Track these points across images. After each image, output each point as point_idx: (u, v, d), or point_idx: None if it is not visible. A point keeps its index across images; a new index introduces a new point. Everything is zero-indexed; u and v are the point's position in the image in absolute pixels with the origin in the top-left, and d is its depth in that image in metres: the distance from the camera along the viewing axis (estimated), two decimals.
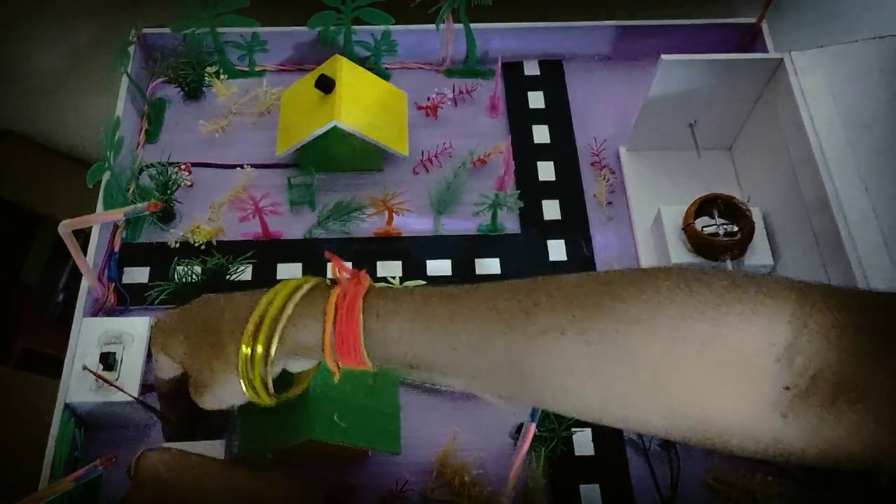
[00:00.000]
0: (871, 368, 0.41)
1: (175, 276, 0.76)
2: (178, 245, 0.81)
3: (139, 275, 0.79)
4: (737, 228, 0.78)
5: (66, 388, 0.67)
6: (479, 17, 0.89)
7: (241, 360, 0.49)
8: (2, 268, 1.31)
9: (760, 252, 0.78)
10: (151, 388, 0.65)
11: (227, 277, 0.78)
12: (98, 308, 0.76)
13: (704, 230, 0.77)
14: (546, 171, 0.88)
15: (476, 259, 0.82)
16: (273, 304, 0.49)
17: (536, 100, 0.93)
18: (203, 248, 0.80)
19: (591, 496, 0.70)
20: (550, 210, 0.85)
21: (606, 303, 0.44)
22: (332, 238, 0.83)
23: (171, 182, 0.82)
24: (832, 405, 0.41)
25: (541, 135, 0.91)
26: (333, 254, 0.53)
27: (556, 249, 0.83)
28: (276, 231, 0.83)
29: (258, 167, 0.87)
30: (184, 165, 0.85)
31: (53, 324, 1.30)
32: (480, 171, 0.87)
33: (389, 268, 0.81)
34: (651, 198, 0.85)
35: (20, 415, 1.10)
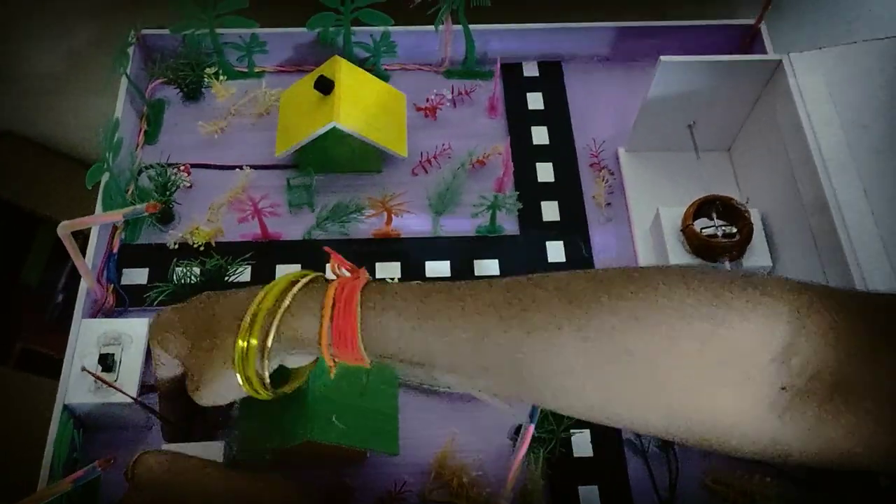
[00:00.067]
0: (869, 369, 0.41)
1: (174, 278, 0.77)
2: (177, 246, 0.81)
3: (138, 276, 0.79)
4: (735, 230, 0.78)
5: (65, 390, 0.67)
6: (478, 19, 0.89)
7: (238, 354, 0.49)
8: (1, 268, 1.31)
9: (759, 253, 0.78)
10: (150, 389, 0.65)
11: (226, 279, 0.78)
12: (97, 309, 0.76)
13: (703, 231, 0.77)
14: (545, 173, 0.88)
15: (475, 260, 0.82)
16: (270, 297, 0.49)
17: (535, 101, 0.93)
18: (202, 250, 0.80)
19: (590, 497, 0.70)
20: (549, 211, 0.85)
21: (604, 300, 0.44)
22: (332, 239, 0.83)
23: (170, 183, 0.82)
24: (830, 405, 0.41)
25: (540, 136, 0.91)
26: (334, 251, 0.53)
27: (555, 251, 0.83)
28: (275, 232, 0.83)
29: (257, 168, 0.87)
30: (183, 166, 0.85)
31: (53, 324, 1.30)
32: (479, 173, 0.88)
33: (388, 269, 0.81)
34: (650, 199, 0.85)
35: (20, 415, 1.10)
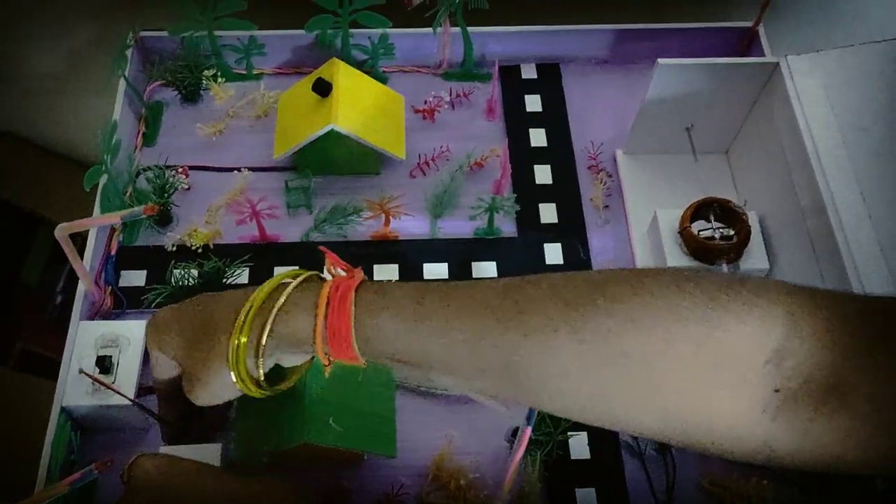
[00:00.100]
0: (863, 372, 0.41)
1: (172, 280, 0.77)
2: (175, 248, 0.81)
3: (136, 278, 0.79)
4: (733, 232, 0.78)
5: (63, 392, 0.67)
6: (476, 21, 0.89)
7: (232, 351, 0.49)
8: (1, 268, 1.31)
9: (756, 256, 0.78)
10: (148, 391, 0.65)
11: (224, 281, 0.78)
12: (95, 311, 0.76)
13: (701, 234, 0.77)
14: (543, 175, 0.88)
15: (473, 262, 0.82)
16: (263, 295, 0.50)
17: (533, 103, 0.93)
18: (200, 252, 0.80)
19: (587, 500, 0.70)
20: (547, 213, 0.86)
21: (599, 302, 0.44)
22: (330, 241, 0.83)
23: (169, 185, 0.82)
24: (824, 408, 0.41)
25: (538, 138, 0.91)
26: (329, 251, 0.53)
27: (553, 253, 0.83)
28: (273, 234, 0.83)
29: (255, 170, 0.87)
30: (181, 168, 0.85)
31: (52, 325, 1.30)
32: (477, 175, 0.88)
33: (386, 271, 0.81)
34: (648, 201, 0.85)
35: (20, 415, 1.10)
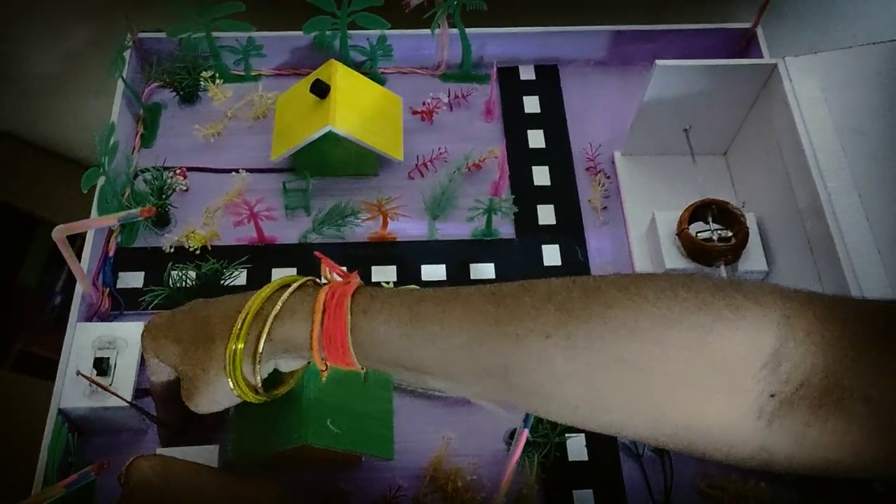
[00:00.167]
0: (860, 375, 0.41)
1: (170, 281, 0.77)
2: (173, 250, 0.81)
3: (134, 279, 0.79)
4: (731, 234, 0.78)
5: (60, 393, 0.67)
6: (475, 22, 0.89)
7: (229, 358, 0.49)
8: (0, 269, 1.31)
9: (754, 257, 0.78)
10: (145, 393, 0.65)
11: (222, 282, 0.78)
12: (92, 313, 0.76)
13: (698, 235, 0.77)
14: (541, 176, 0.88)
15: (471, 264, 0.82)
16: (259, 301, 0.50)
17: (532, 104, 0.93)
18: (198, 253, 0.80)
19: (585, 502, 0.70)
20: (545, 215, 0.86)
21: (593, 308, 0.44)
22: (327, 243, 0.83)
23: (167, 186, 0.82)
24: (819, 412, 0.41)
25: (536, 139, 0.91)
26: (325, 256, 0.53)
27: (551, 254, 0.83)
28: (271, 236, 0.83)
29: (253, 172, 0.87)
30: (179, 170, 0.85)
31: (51, 326, 1.30)
32: (475, 176, 0.88)
33: (384, 272, 0.81)
34: (646, 203, 0.85)
35: (20, 415, 1.10)
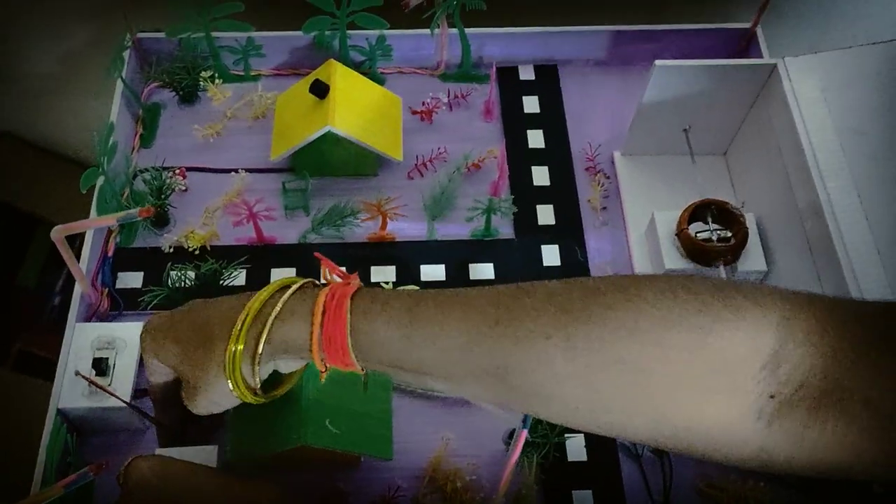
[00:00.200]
0: (859, 376, 0.41)
1: (169, 281, 0.77)
2: (172, 250, 0.81)
3: (133, 280, 0.79)
4: (730, 234, 0.78)
5: (59, 394, 0.67)
6: (474, 22, 0.89)
7: (228, 359, 0.49)
8: None
9: (754, 258, 0.78)
10: (144, 393, 0.65)
11: (221, 282, 0.78)
12: (91, 313, 0.76)
13: (698, 235, 0.77)
14: (540, 176, 0.88)
15: (470, 264, 0.82)
16: (259, 303, 0.50)
17: (531, 104, 0.93)
18: (197, 253, 0.80)
19: (584, 502, 0.70)
20: (545, 215, 0.85)
21: (593, 309, 0.44)
22: (327, 243, 0.83)
23: (166, 187, 0.82)
24: (818, 414, 0.41)
25: (535, 139, 0.91)
26: (325, 257, 0.53)
27: (550, 254, 0.83)
28: (271, 236, 0.83)
29: (253, 172, 0.87)
30: (178, 170, 0.85)
31: (50, 326, 1.30)
32: (475, 176, 0.87)
33: (383, 272, 0.81)
34: (645, 203, 0.85)
35: (19, 415, 1.10)
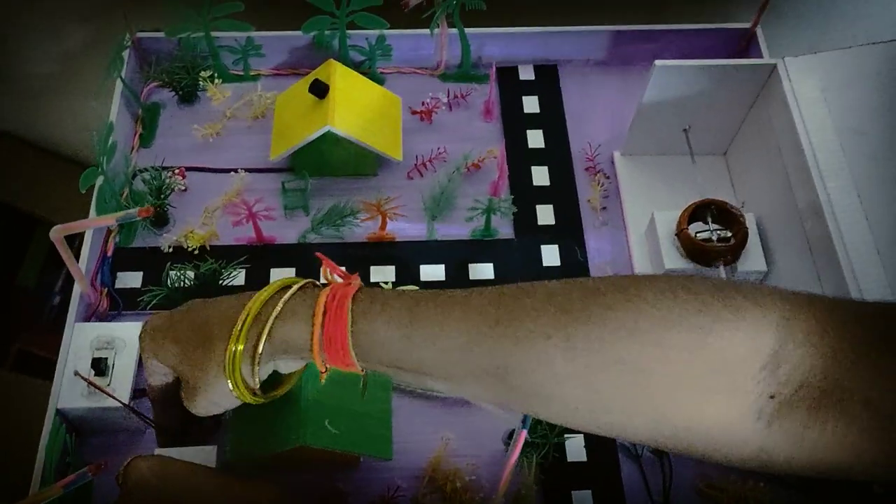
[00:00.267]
0: (859, 377, 0.41)
1: (168, 281, 0.76)
2: (172, 250, 0.81)
3: (132, 279, 0.79)
4: (730, 234, 0.78)
5: (58, 394, 0.67)
6: (474, 22, 0.89)
7: (228, 359, 0.49)
8: None
9: (754, 258, 0.78)
10: (144, 394, 0.65)
11: (221, 282, 0.78)
12: (91, 313, 0.76)
13: (698, 236, 0.77)
14: (540, 176, 0.88)
15: (470, 264, 0.82)
16: (259, 303, 0.50)
17: (531, 104, 0.93)
18: (196, 253, 0.80)
19: (584, 502, 0.70)
20: (544, 215, 0.85)
21: (592, 309, 0.44)
22: (326, 243, 0.83)
23: (165, 186, 0.82)
24: (818, 414, 0.41)
25: (535, 139, 0.90)
26: (326, 257, 0.53)
27: (550, 254, 0.83)
28: (270, 236, 0.82)
29: (252, 172, 0.87)
30: (178, 170, 0.85)
31: (50, 326, 1.30)
32: (474, 176, 0.87)
33: (383, 272, 0.81)
34: (645, 203, 0.85)
35: (18, 415, 1.10)
